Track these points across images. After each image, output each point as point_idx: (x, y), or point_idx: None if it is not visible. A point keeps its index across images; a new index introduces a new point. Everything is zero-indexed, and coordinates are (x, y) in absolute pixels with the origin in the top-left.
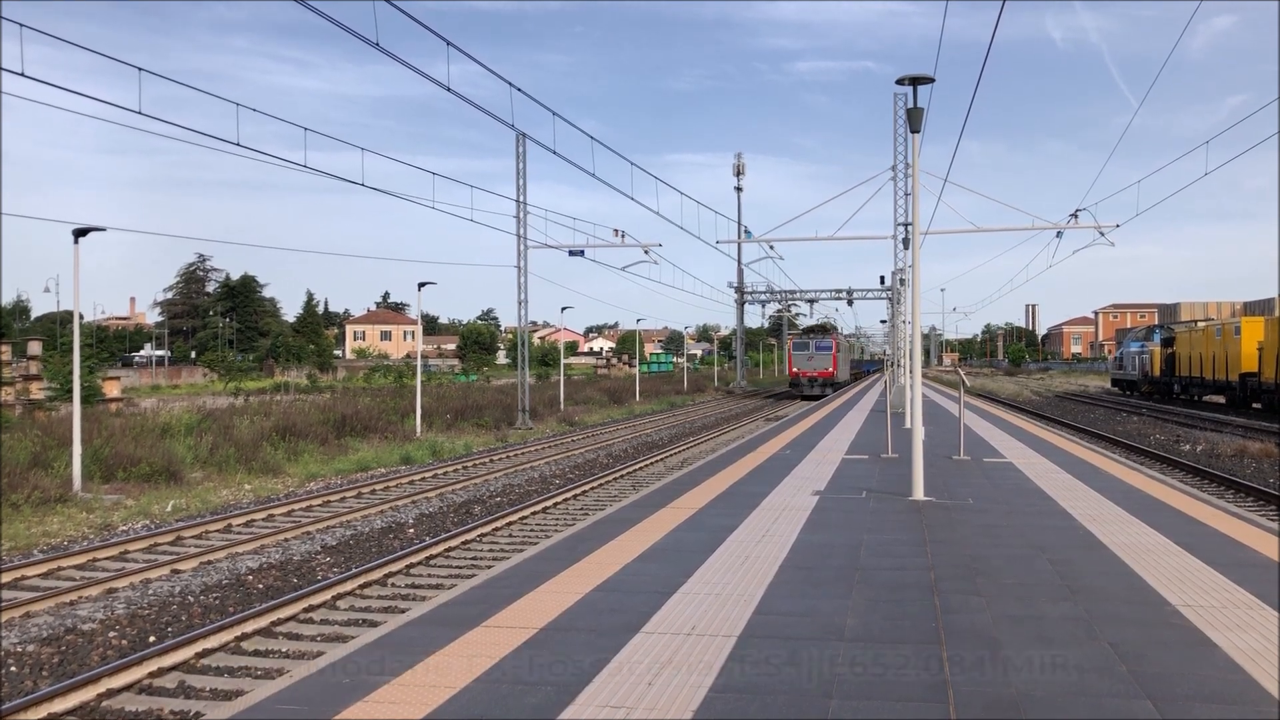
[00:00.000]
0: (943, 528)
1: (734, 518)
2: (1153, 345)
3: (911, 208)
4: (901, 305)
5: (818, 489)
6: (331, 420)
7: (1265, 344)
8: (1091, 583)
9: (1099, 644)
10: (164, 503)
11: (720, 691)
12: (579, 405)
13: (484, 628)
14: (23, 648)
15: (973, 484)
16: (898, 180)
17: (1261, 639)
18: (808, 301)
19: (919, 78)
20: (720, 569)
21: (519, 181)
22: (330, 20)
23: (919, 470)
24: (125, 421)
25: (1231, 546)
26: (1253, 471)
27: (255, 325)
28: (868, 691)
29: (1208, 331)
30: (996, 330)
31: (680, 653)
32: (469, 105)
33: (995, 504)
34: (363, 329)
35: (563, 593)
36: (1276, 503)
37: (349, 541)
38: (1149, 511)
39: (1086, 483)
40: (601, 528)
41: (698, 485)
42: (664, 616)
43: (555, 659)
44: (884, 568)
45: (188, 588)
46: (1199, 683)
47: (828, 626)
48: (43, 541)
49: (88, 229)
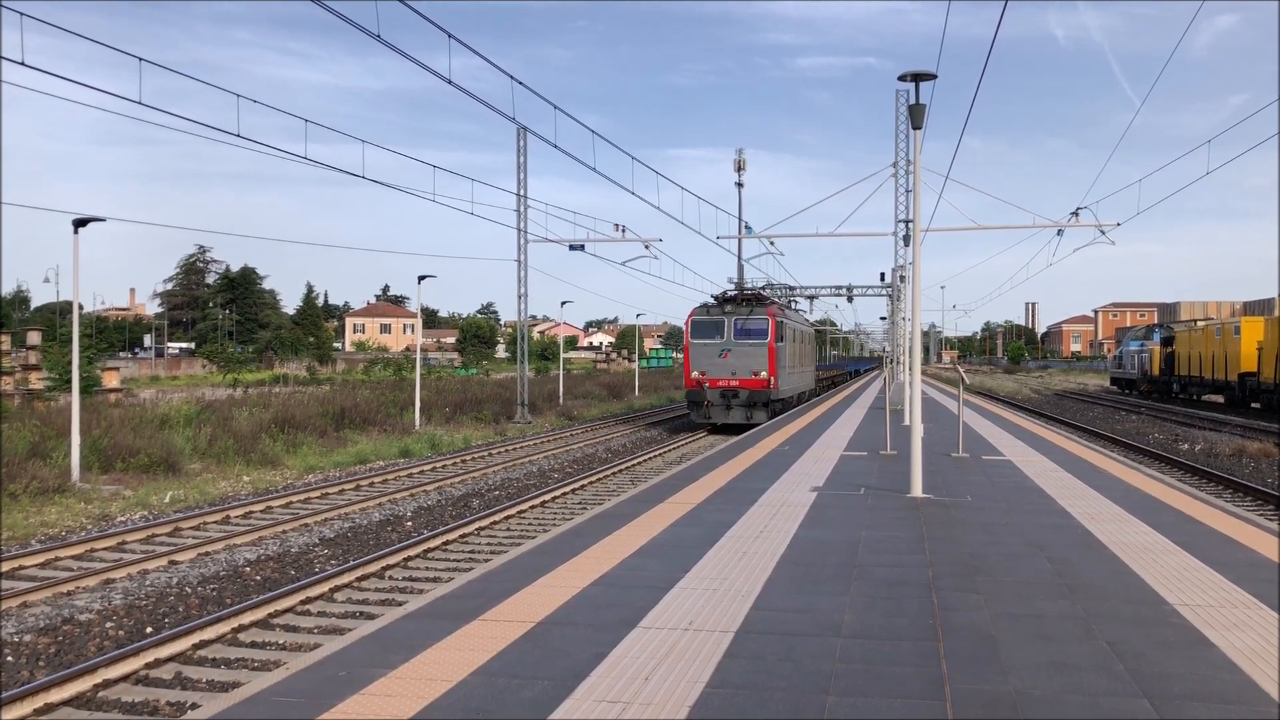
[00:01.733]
0: (941, 525)
1: (732, 513)
2: (1152, 344)
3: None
4: (901, 302)
5: (816, 485)
6: (330, 413)
7: (1265, 344)
8: (1090, 581)
9: (1097, 643)
10: (162, 494)
11: (717, 687)
12: (578, 400)
13: (481, 621)
14: (20, 638)
15: (971, 482)
16: (899, 177)
17: (1259, 638)
18: (808, 298)
19: (921, 74)
20: (718, 565)
21: (519, 175)
22: (333, 12)
23: (918, 467)
24: (124, 412)
25: (1230, 546)
26: (1251, 471)
27: (255, 317)
28: (865, 688)
29: (1207, 331)
30: (996, 328)
31: (677, 648)
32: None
33: (994, 502)
34: (362, 322)
35: (560, 587)
36: (1275, 502)
37: (347, 534)
38: (1147, 510)
39: (1085, 481)
40: (599, 522)
41: (696, 480)
42: (661, 612)
43: (552, 653)
44: (882, 564)
45: (185, 579)
46: (1196, 682)
47: (825, 623)
48: (40, 531)
49: (88, 219)
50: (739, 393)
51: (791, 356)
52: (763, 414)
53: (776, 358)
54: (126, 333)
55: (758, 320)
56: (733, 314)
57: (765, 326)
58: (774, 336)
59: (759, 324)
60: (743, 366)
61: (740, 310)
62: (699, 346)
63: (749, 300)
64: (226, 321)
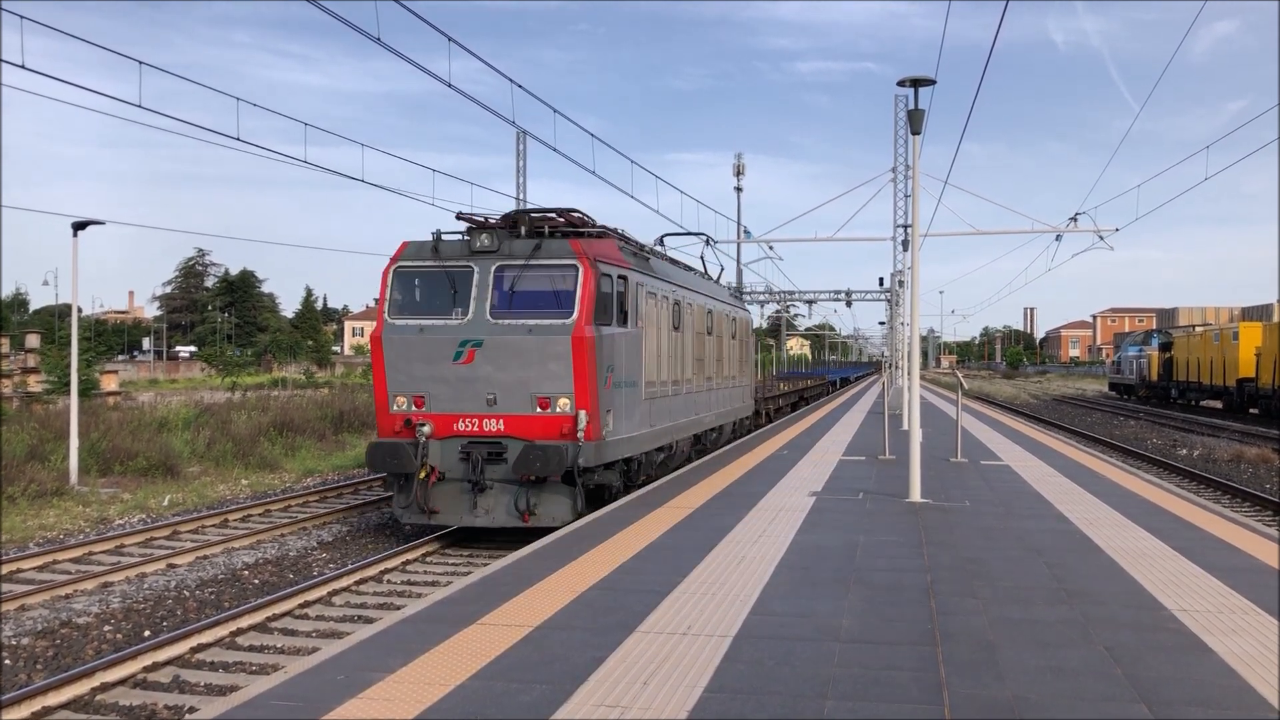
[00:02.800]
0: (939, 530)
1: (731, 518)
2: (1151, 350)
3: (911, 209)
4: (900, 307)
5: (815, 490)
6: (329, 416)
7: (1263, 349)
8: (1088, 586)
9: (1095, 648)
10: (160, 497)
11: (715, 691)
12: None
13: (479, 625)
14: (17, 641)
15: (970, 486)
16: (897, 182)
17: (1257, 644)
18: (806, 302)
19: (920, 79)
20: (716, 569)
21: (519, 179)
22: (333, 15)
23: (916, 472)
24: (123, 415)
25: (1228, 551)
26: (1249, 476)
27: (254, 320)
28: (863, 693)
29: (1206, 336)
30: (995, 333)
31: (676, 652)
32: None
33: (992, 507)
34: (362, 325)
35: (558, 591)
36: (1273, 508)
37: (345, 538)
38: (1146, 516)
39: (1083, 486)
40: (598, 526)
41: (694, 485)
42: (660, 616)
43: (550, 657)
44: (880, 569)
45: (183, 582)
46: (1194, 687)
47: (824, 627)
48: (39, 534)
49: (87, 222)
50: (502, 451)
51: (669, 358)
52: (563, 503)
53: (601, 359)
54: (125, 336)
55: (556, 269)
56: (494, 255)
57: (572, 285)
58: (591, 306)
59: (559, 276)
60: (512, 386)
61: (513, 248)
62: (403, 340)
63: (536, 227)
64: (225, 325)
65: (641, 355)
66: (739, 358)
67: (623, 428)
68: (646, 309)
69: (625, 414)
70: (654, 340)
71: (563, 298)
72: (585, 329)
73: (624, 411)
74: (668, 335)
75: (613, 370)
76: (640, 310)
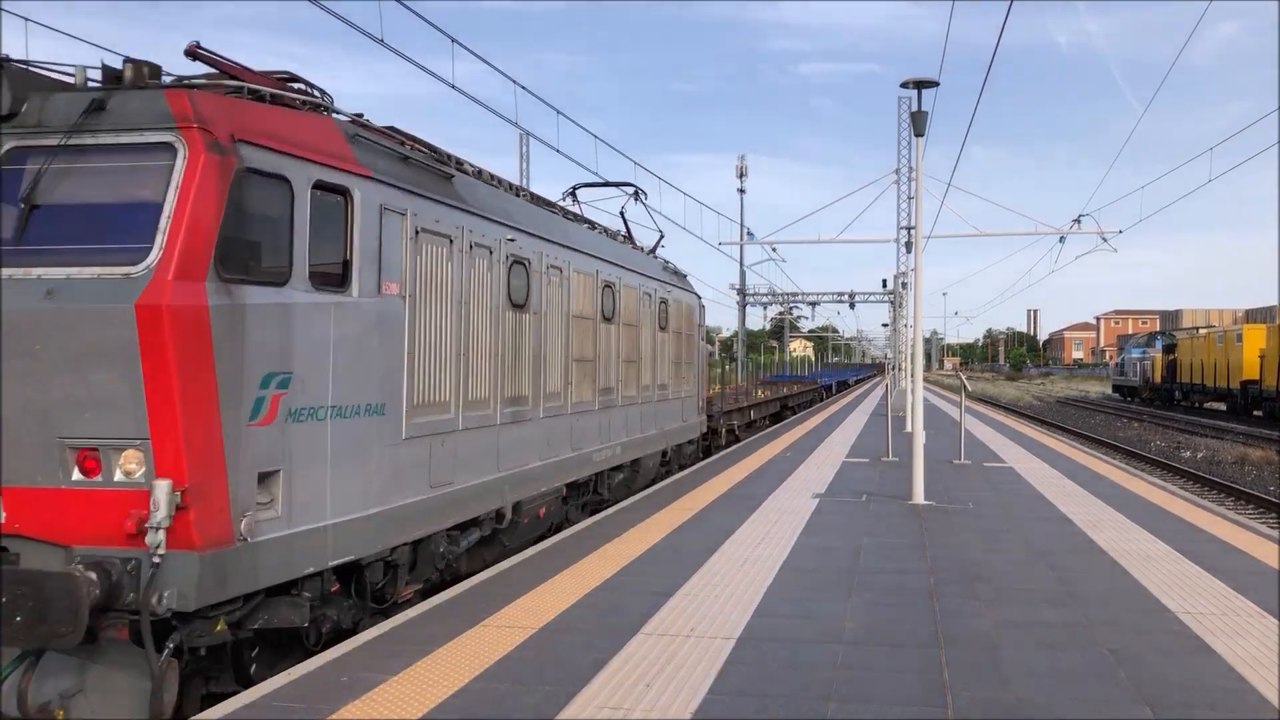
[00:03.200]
0: (942, 532)
1: (734, 519)
2: (1154, 351)
3: (914, 211)
4: (903, 309)
5: (818, 492)
6: None
7: (1267, 351)
8: (1091, 588)
9: (1098, 650)
10: None
11: (719, 694)
12: None
13: (483, 627)
14: None
15: (973, 488)
16: (901, 184)
17: (1261, 646)
18: (809, 304)
19: (923, 81)
20: (720, 571)
21: (521, 180)
22: (337, 17)
23: (919, 474)
24: None
25: (1231, 553)
26: (1253, 479)
27: None
28: (866, 694)
29: (1209, 338)
30: (998, 335)
31: (679, 654)
32: (473, 103)
33: (995, 509)
34: None
35: (562, 592)
36: (1277, 510)
37: None
38: (1149, 518)
39: (1087, 488)
40: (601, 528)
41: (698, 487)
42: (663, 618)
43: (554, 659)
44: (883, 571)
45: None
46: (1198, 690)
47: (827, 629)
48: None
49: None
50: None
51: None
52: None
53: (235, 356)
54: None
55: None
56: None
57: (157, 188)
58: (206, 236)
59: (131, 170)
60: (21, 424)
61: (54, 110)
62: None
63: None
64: None
65: (404, 352)
66: (676, 358)
67: (329, 502)
68: (431, 264)
69: (341, 471)
70: (454, 324)
71: (134, 219)
72: (177, 288)
73: (332, 468)
74: (499, 317)
75: (290, 381)
76: (405, 263)
